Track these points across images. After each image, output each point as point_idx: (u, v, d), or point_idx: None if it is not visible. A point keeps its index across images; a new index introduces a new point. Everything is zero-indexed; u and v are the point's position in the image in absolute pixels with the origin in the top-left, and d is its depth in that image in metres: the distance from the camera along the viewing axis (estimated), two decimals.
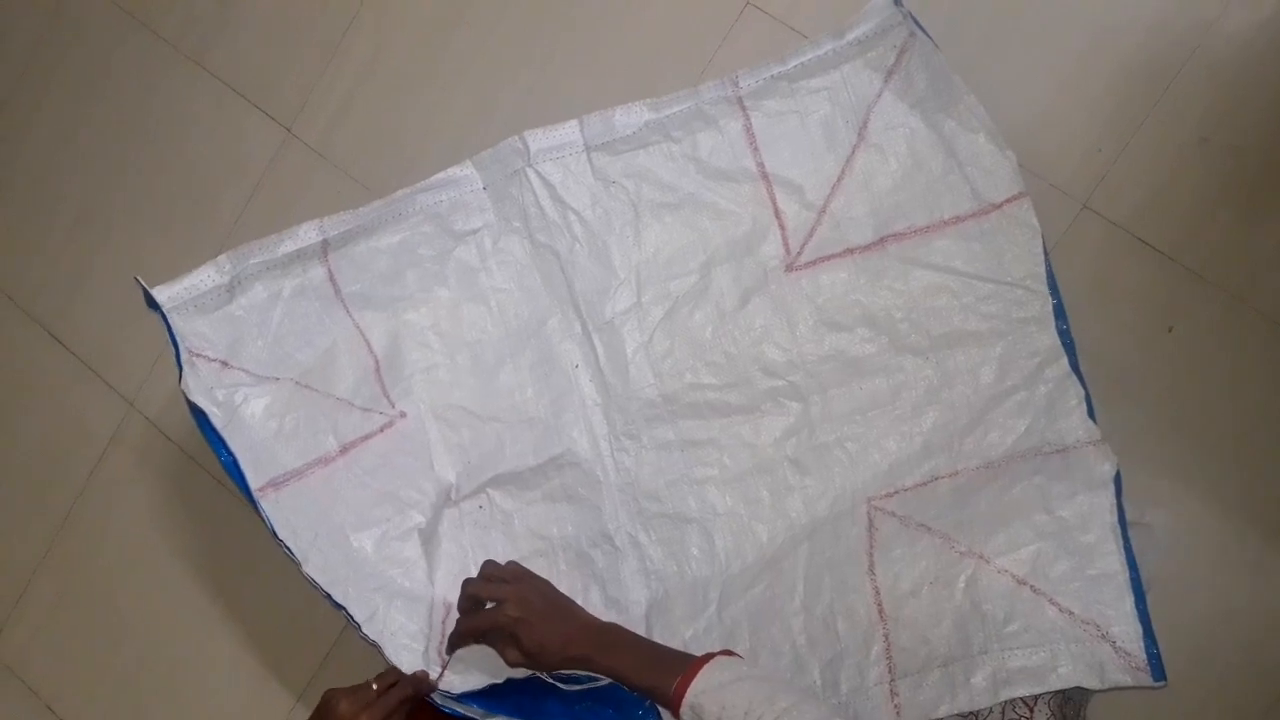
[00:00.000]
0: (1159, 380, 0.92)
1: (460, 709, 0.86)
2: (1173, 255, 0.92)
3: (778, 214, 0.96)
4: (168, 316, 0.91)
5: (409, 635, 0.91)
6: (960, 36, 0.94)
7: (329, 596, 0.88)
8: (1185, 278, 0.92)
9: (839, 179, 0.94)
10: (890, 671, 0.88)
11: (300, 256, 0.95)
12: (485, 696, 0.89)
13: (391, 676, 0.85)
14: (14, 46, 1.23)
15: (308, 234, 0.95)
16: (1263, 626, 0.90)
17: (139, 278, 0.90)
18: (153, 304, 0.91)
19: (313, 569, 0.88)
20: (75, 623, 1.16)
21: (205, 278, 0.92)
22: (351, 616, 0.88)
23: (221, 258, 0.93)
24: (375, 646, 0.89)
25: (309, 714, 0.83)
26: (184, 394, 0.89)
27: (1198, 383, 0.92)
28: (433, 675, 0.87)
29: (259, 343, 0.95)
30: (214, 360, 0.92)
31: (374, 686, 0.83)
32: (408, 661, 0.88)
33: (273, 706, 1.08)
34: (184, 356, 0.90)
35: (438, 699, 0.86)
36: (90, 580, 1.16)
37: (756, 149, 0.95)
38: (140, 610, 1.14)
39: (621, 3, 1.04)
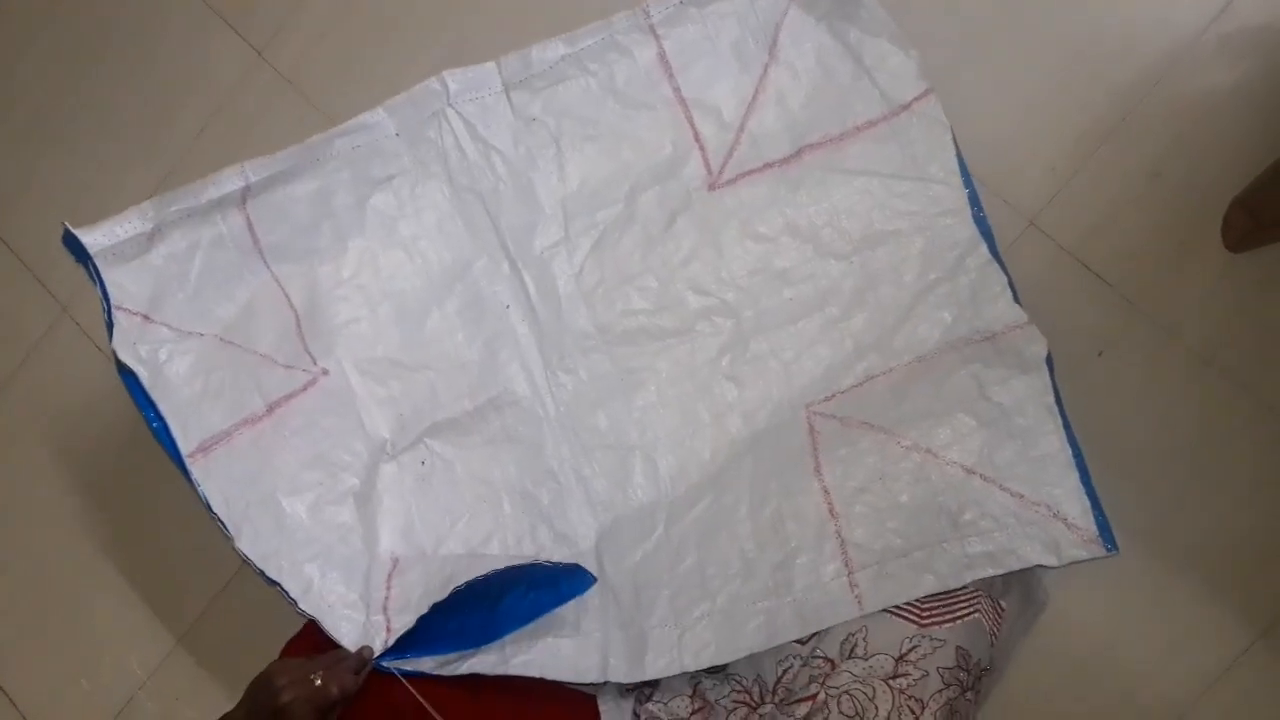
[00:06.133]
0: (1083, 402, 0.92)
1: (414, 666, 0.82)
2: (1110, 281, 0.93)
3: (697, 136, 0.98)
4: (100, 271, 0.88)
5: (348, 605, 0.87)
6: (938, 41, 0.96)
7: (262, 573, 0.85)
8: (1119, 305, 0.93)
9: (753, 97, 0.96)
10: (847, 565, 0.87)
11: (221, 204, 0.93)
12: (435, 641, 0.85)
13: (331, 661, 0.80)
14: None
15: (231, 180, 0.93)
16: (1158, 656, 0.91)
17: (67, 223, 0.87)
18: (81, 255, 0.88)
19: (245, 543, 0.85)
20: None
21: (128, 224, 0.89)
22: (287, 592, 0.85)
23: (146, 204, 0.91)
24: (313, 620, 0.86)
25: (193, 654, 0.79)
26: (114, 353, 0.87)
27: (1120, 409, 0.93)
28: (376, 641, 0.84)
29: (179, 295, 0.93)
30: (135, 314, 0.90)
31: (317, 682, 0.78)
32: (347, 632, 0.84)
33: (155, 645, 1.05)
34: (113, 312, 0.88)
35: (389, 664, 0.83)
36: None
37: (671, 75, 0.97)
38: (34, 523, 1.09)
39: None
